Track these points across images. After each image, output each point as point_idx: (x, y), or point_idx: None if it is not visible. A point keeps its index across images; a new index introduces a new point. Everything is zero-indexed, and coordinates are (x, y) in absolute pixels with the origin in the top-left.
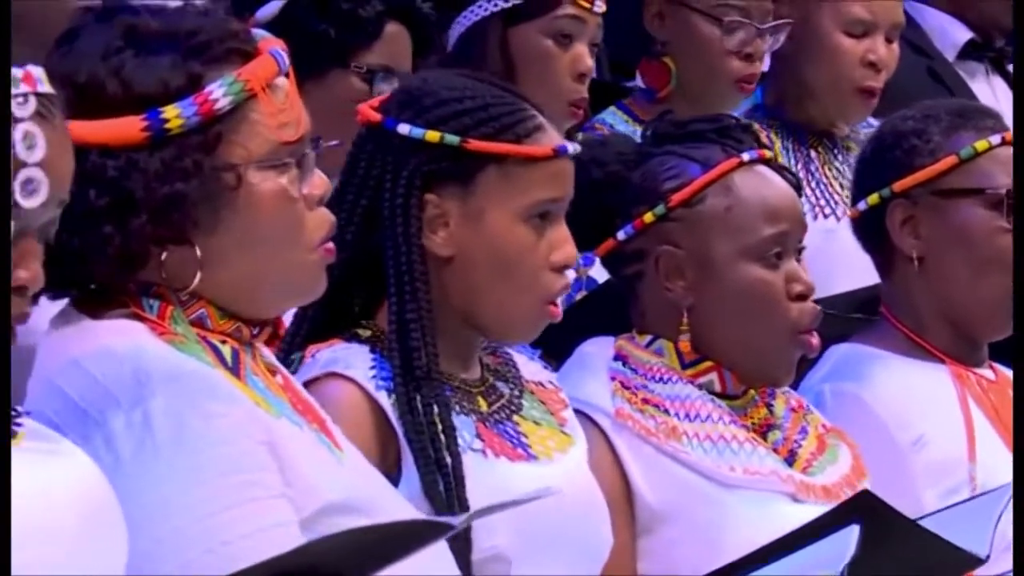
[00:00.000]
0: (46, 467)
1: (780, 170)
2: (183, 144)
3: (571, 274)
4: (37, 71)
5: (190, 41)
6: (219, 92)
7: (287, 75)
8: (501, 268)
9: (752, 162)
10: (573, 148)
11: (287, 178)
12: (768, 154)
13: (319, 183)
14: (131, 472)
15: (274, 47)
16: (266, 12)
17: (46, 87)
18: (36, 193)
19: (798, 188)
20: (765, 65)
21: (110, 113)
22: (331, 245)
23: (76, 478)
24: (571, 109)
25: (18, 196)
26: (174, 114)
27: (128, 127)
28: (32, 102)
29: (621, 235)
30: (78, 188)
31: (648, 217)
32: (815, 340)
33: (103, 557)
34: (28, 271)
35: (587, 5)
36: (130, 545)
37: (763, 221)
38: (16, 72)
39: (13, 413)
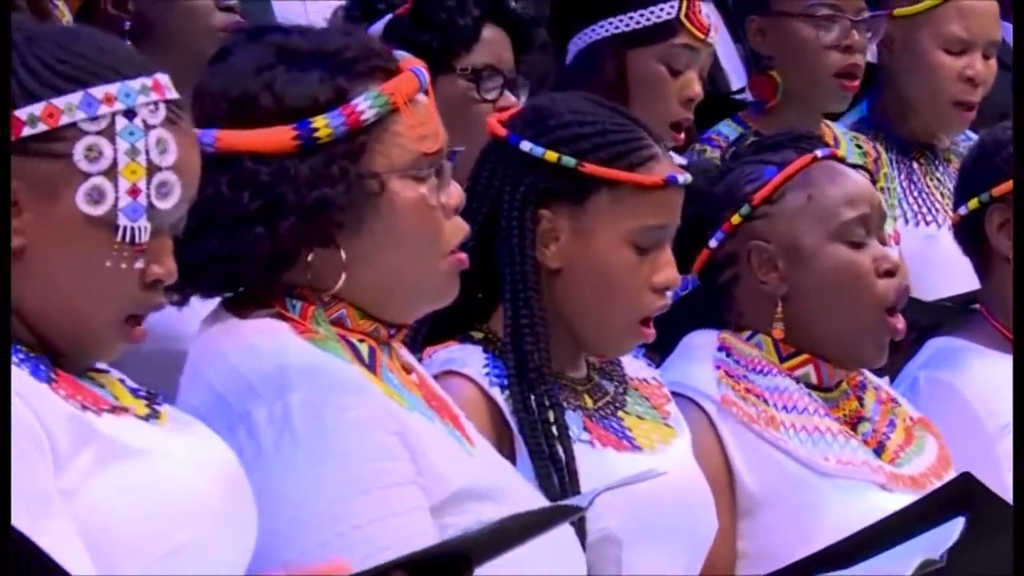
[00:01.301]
0: (190, 446)
1: (852, 167)
2: (331, 152)
3: (669, 296)
4: (164, 78)
5: (337, 58)
6: (364, 105)
7: (426, 92)
8: (603, 285)
9: (826, 158)
10: (684, 179)
11: (426, 187)
12: (840, 152)
13: (455, 193)
14: (271, 460)
15: (415, 65)
16: (371, 32)
17: (173, 93)
18: (170, 195)
19: (873, 182)
20: (871, 55)
21: (262, 124)
22: (463, 254)
23: (217, 459)
24: (673, 132)
25: (154, 199)
26: (323, 124)
27: (280, 136)
28: (162, 109)
29: (713, 242)
30: (231, 192)
31: (735, 219)
32: (901, 324)
33: (239, 533)
34: (162, 266)
35: (701, 36)
36: (268, 527)
37: (844, 205)
38: (145, 81)
39: (149, 396)
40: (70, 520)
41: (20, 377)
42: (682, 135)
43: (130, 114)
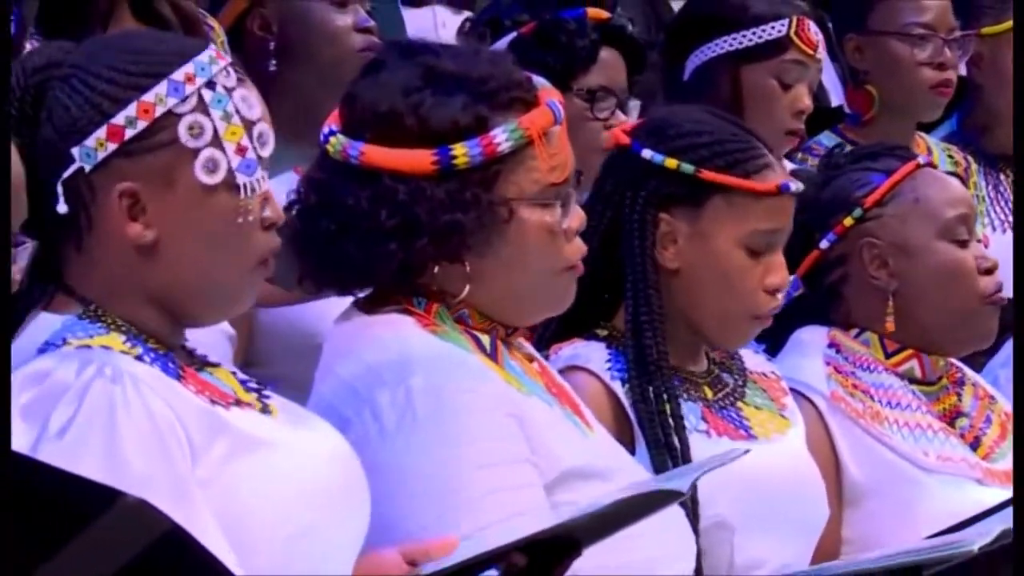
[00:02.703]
0: (307, 437)
1: (946, 174)
2: (466, 178)
3: (780, 297)
4: (213, 47)
5: (482, 87)
6: (502, 136)
7: (561, 122)
8: (720, 285)
9: (926, 165)
10: (796, 187)
11: (552, 214)
12: (936, 161)
13: (577, 217)
14: (394, 440)
15: (552, 99)
16: (497, 48)
17: (229, 57)
18: (268, 142)
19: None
20: (962, 70)
21: (404, 143)
22: (579, 265)
23: (332, 448)
24: (788, 138)
25: (258, 150)
26: (462, 152)
27: (420, 159)
28: (231, 72)
29: (824, 243)
30: (369, 207)
31: (848, 222)
32: (1004, 296)
33: (354, 515)
34: (274, 211)
35: (810, 52)
36: (390, 502)
37: (948, 206)
38: (210, 52)
39: (258, 388)
40: (208, 510)
41: (153, 374)
42: (797, 139)
43: (211, 85)
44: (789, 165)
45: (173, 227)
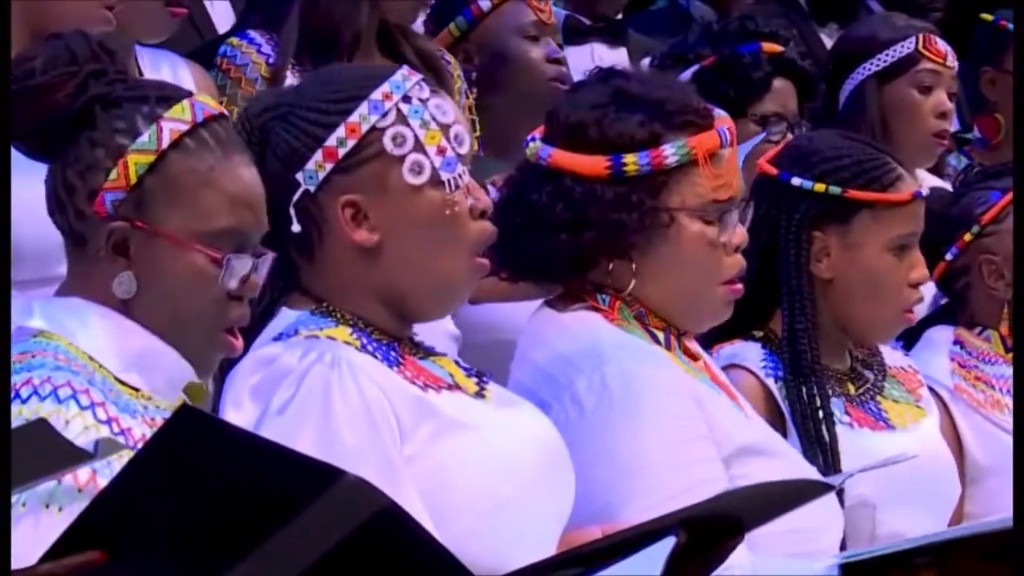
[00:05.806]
0: (513, 419)
1: None
2: (634, 185)
3: (923, 290)
4: (406, 67)
5: (660, 108)
6: (670, 151)
7: (730, 146)
8: (872, 287)
9: None
10: (925, 191)
11: (711, 227)
12: None
13: (739, 234)
14: (593, 421)
15: (724, 126)
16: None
17: (419, 74)
18: (464, 142)
19: None
20: None
21: (586, 150)
22: (739, 285)
23: (536, 429)
24: (936, 140)
25: (456, 149)
26: (632, 161)
27: (596, 164)
28: (424, 85)
29: (949, 256)
30: (549, 201)
31: (967, 237)
32: None
33: (557, 493)
34: (481, 200)
35: (941, 61)
36: (589, 476)
37: None
38: (404, 71)
39: (479, 374)
40: (412, 485)
41: (371, 362)
42: (946, 141)
43: (407, 99)
44: (933, 181)
45: (393, 227)
